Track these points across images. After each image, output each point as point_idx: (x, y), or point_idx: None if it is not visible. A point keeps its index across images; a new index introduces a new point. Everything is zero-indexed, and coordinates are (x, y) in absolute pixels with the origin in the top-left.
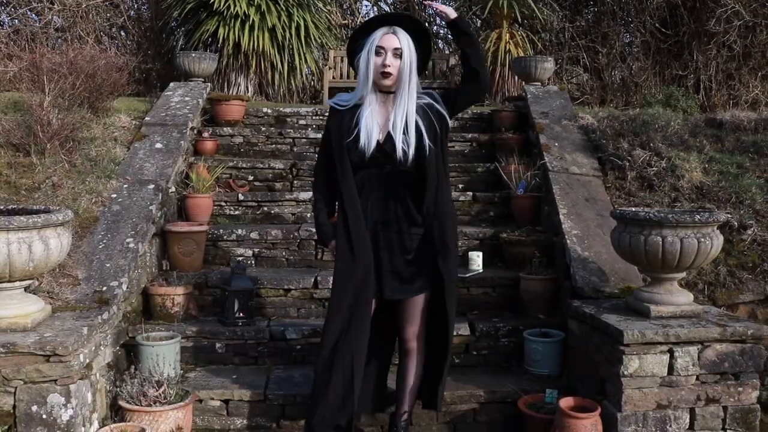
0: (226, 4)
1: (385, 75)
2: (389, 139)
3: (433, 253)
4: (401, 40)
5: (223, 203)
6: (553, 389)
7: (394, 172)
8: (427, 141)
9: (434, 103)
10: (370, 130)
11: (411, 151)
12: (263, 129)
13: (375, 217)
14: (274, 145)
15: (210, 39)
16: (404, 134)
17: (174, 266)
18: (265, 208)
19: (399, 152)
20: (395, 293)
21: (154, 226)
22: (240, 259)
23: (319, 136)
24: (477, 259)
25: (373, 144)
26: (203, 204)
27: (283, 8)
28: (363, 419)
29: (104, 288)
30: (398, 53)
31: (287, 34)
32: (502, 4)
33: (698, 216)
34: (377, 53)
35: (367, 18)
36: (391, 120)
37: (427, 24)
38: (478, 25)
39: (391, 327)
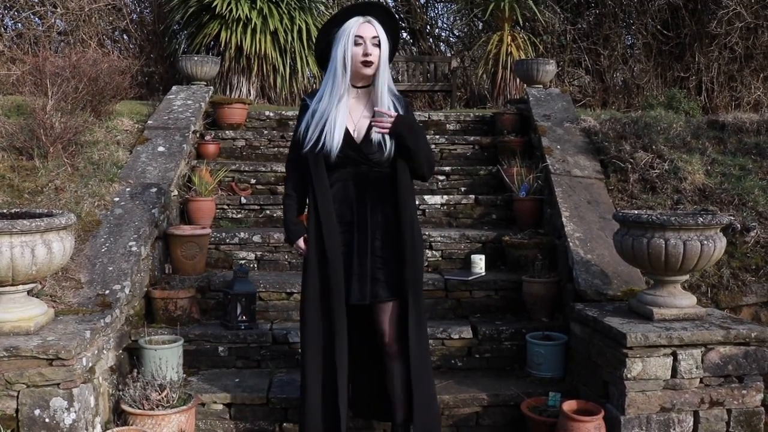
0: (228, 8)
1: (367, 64)
2: (366, 136)
3: (401, 260)
4: (377, 29)
5: (225, 206)
6: (556, 392)
7: (369, 173)
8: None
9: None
10: (340, 127)
11: (388, 150)
12: (265, 132)
13: (347, 218)
14: (276, 148)
15: (212, 42)
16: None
17: (176, 269)
18: (268, 211)
19: (375, 150)
20: (363, 298)
21: (157, 229)
22: (242, 262)
23: None
24: (479, 262)
25: (340, 142)
26: (206, 207)
27: (285, 11)
28: (361, 423)
29: (107, 291)
30: (376, 42)
31: (289, 38)
32: (504, 7)
33: (701, 218)
34: (356, 43)
35: None
36: (368, 116)
37: (428, 26)
38: (480, 27)
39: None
